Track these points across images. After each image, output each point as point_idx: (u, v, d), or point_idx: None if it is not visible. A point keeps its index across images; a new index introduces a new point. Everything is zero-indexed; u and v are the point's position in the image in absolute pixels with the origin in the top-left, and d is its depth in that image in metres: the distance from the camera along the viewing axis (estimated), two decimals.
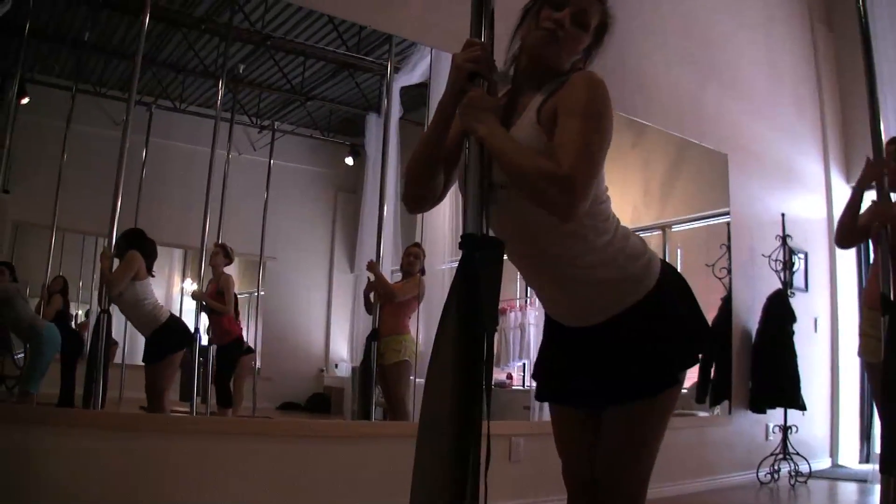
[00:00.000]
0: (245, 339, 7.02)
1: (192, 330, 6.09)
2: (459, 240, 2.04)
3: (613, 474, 2.25)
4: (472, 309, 1.97)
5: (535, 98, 2.20)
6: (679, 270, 2.47)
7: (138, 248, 5.31)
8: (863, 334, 4.60)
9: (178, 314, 6.87)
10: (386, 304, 5.97)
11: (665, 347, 2.21)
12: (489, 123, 2.07)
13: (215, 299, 6.33)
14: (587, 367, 2.27)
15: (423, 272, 6.26)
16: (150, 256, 5.47)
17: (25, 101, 6.09)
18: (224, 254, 6.51)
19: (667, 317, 2.23)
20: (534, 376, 2.56)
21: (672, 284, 2.30)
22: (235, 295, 6.70)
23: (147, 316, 5.30)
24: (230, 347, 6.49)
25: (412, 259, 6.21)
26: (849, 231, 4.54)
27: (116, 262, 5.03)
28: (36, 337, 5.45)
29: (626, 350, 2.19)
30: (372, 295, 5.88)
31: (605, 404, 2.26)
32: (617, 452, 2.24)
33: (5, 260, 6.05)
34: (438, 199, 2.41)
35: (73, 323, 6.58)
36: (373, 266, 5.83)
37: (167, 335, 5.38)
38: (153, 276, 5.46)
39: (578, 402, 2.37)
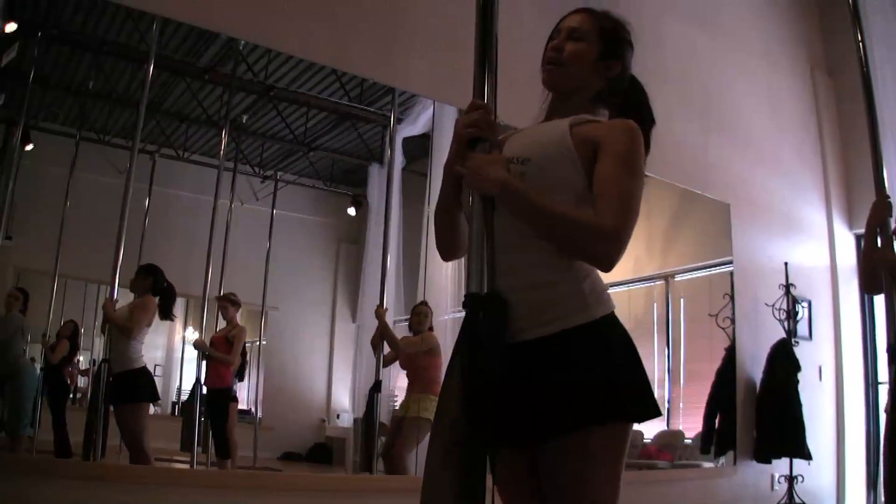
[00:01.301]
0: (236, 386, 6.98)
1: (195, 380, 6.07)
2: (463, 299, 2.03)
3: None
4: (477, 370, 1.95)
5: (568, 117, 2.23)
6: (682, 320, 2.44)
7: (157, 292, 5.34)
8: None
9: (179, 363, 6.86)
10: (413, 361, 6.00)
11: (599, 384, 2.05)
12: (507, 179, 2.06)
13: (223, 346, 6.30)
14: (520, 395, 2.07)
15: (431, 329, 6.27)
16: (169, 300, 5.48)
17: (29, 147, 6.09)
18: (231, 303, 6.50)
19: (609, 354, 2.11)
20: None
21: (621, 331, 2.19)
22: (245, 344, 6.68)
23: (128, 355, 5.20)
24: (221, 393, 6.41)
25: (421, 318, 6.23)
26: (872, 275, 4.46)
27: (128, 296, 5.03)
28: (18, 377, 5.42)
29: (559, 375, 2.06)
30: (384, 348, 5.84)
31: (540, 437, 2.08)
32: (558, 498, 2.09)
33: (15, 288, 6.04)
34: (466, 249, 2.35)
35: (71, 369, 6.54)
36: (380, 313, 5.81)
37: (137, 380, 5.25)
38: (173, 318, 5.48)
39: (513, 438, 2.13)
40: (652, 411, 2.13)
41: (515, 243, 2.16)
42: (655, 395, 2.18)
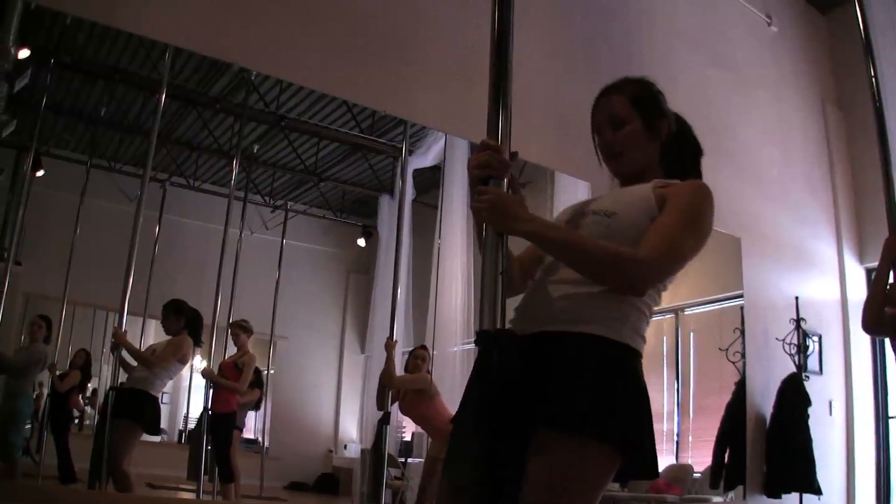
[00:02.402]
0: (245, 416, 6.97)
1: (202, 409, 6.07)
2: (475, 335, 2.01)
3: None
4: (488, 409, 1.94)
5: (652, 182, 2.28)
6: (691, 354, 2.42)
7: (191, 332, 5.35)
8: None
9: (187, 391, 6.85)
10: (417, 407, 5.99)
11: (608, 401, 2.02)
12: (532, 217, 2.07)
13: (231, 373, 6.29)
14: (532, 380, 2.03)
15: (429, 372, 6.25)
16: (197, 329, 5.49)
17: (40, 173, 6.12)
18: (242, 330, 6.50)
19: (624, 380, 2.09)
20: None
21: (638, 374, 2.15)
22: (258, 369, 6.67)
23: (150, 379, 5.20)
24: (226, 418, 6.40)
25: (419, 362, 6.23)
26: (877, 314, 4.28)
27: (136, 322, 5.04)
28: (15, 398, 5.41)
29: (574, 376, 2.04)
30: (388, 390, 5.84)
31: (536, 422, 2.01)
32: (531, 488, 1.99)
33: (17, 332, 6.05)
34: (517, 287, 2.38)
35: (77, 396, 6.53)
36: (389, 345, 5.80)
37: (147, 406, 5.21)
38: (202, 344, 5.52)
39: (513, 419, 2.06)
40: (651, 468, 2.09)
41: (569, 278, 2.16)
42: (664, 429, 2.18)
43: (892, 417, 8.03)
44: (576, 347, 2.07)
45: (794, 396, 7.10)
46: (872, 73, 4.65)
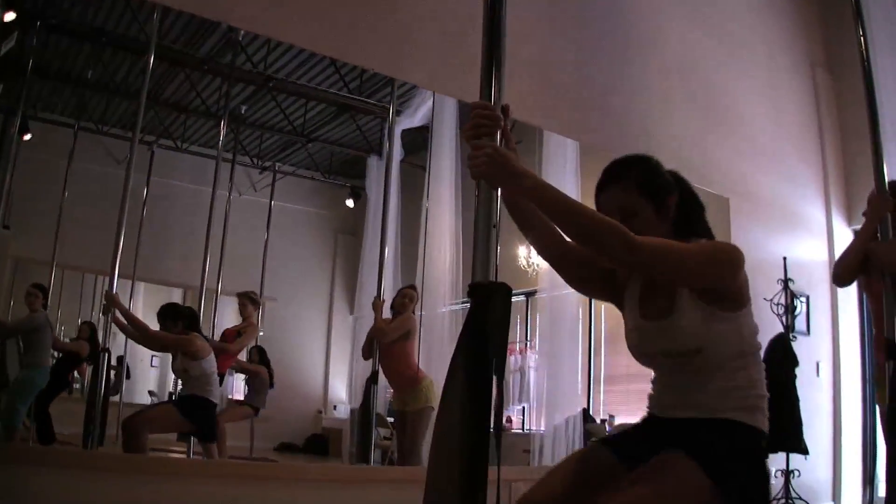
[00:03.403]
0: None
1: None
2: (468, 289, 2.02)
3: None
4: (481, 357, 1.95)
5: None
6: None
7: (193, 328, 5.36)
8: (876, 382, 4.50)
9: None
10: (384, 350, 5.92)
11: (724, 464, 2.06)
12: (528, 172, 2.05)
13: (231, 339, 6.31)
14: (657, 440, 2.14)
15: (414, 313, 6.22)
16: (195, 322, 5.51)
17: (27, 137, 6.10)
18: (251, 302, 6.51)
19: (743, 452, 2.13)
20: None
21: (760, 457, 2.21)
22: (262, 348, 6.68)
23: (200, 380, 5.25)
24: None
25: (406, 301, 6.16)
26: (850, 266, 4.36)
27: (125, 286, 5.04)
28: (34, 367, 5.40)
29: (696, 435, 2.10)
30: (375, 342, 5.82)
31: (647, 454, 2.11)
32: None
33: (6, 296, 6.04)
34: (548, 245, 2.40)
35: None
36: (377, 304, 5.80)
37: (202, 409, 5.26)
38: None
39: (626, 449, 2.25)
40: None
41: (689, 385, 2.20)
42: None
43: None
44: (715, 428, 2.13)
45: (781, 357, 7.12)
46: (862, 37, 4.66)
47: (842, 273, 4.47)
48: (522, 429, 7.48)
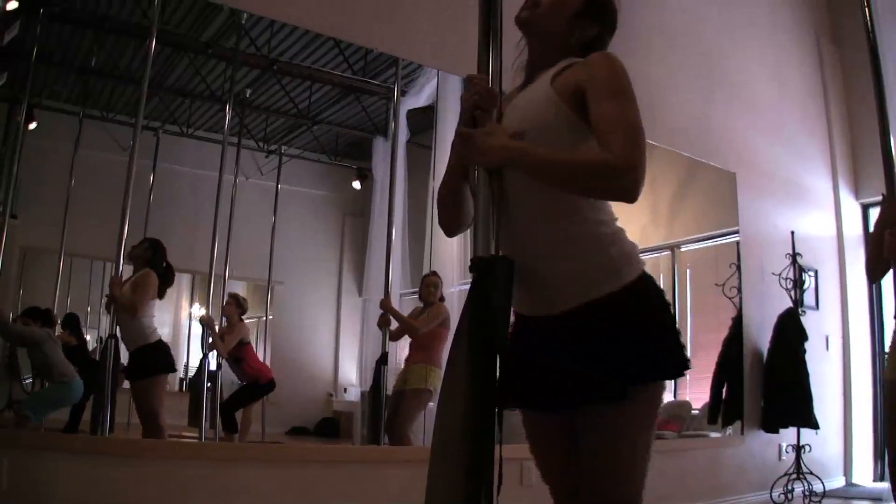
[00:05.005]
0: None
1: (202, 355, 6.09)
2: (469, 263, 2.03)
3: (595, 492, 2.09)
4: (485, 332, 1.96)
5: (548, 71, 2.21)
6: (688, 290, 2.41)
7: (156, 269, 5.32)
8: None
9: (185, 339, 6.87)
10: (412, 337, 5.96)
11: (636, 346, 2.06)
12: (507, 145, 2.05)
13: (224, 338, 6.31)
14: (554, 363, 2.10)
15: (442, 299, 6.21)
16: (166, 282, 5.46)
17: (33, 126, 6.09)
18: (237, 304, 6.50)
19: (644, 315, 2.11)
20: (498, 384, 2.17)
21: (654, 290, 2.19)
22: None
23: (140, 332, 5.17)
24: (260, 389, 6.50)
25: (431, 289, 6.15)
26: (876, 264, 4.27)
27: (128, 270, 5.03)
28: (61, 386, 5.37)
29: (594, 344, 2.06)
30: (392, 327, 5.80)
31: (575, 405, 2.11)
32: (595, 468, 2.09)
33: (14, 286, 6.05)
34: (470, 224, 2.35)
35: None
36: (387, 305, 5.76)
37: (154, 354, 5.24)
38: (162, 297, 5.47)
39: (548, 403, 2.22)
40: (685, 365, 2.13)
41: (537, 217, 2.16)
42: None
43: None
44: (592, 317, 2.10)
45: (791, 331, 7.13)
46: (866, 7, 4.62)
47: (869, 273, 4.36)
48: None
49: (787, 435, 7.08)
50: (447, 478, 1.96)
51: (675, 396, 7.09)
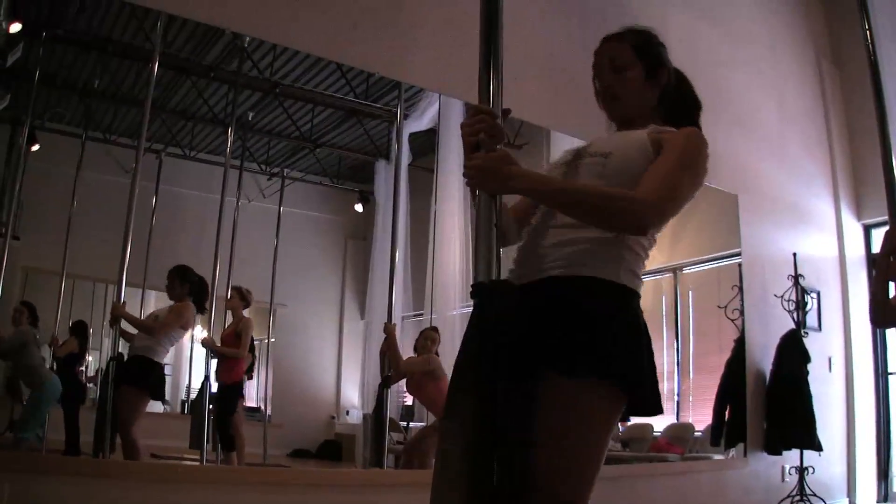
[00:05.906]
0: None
1: (203, 377, 6.08)
2: (470, 288, 2.02)
3: (541, 485, 2.02)
4: (487, 359, 1.95)
5: (648, 126, 2.31)
6: (690, 312, 2.42)
7: (195, 299, 5.36)
8: None
9: (187, 361, 6.86)
10: (414, 385, 5.98)
11: (595, 337, 2.05)
12: (522, 173, 2.08)
13: (232, 341, 6.28)
14: (533, 326, 2.06)
15: (437, 354, 6.21)
16: (202, 296, 5.50)
17: (35, 148, 6.12)
18: (240, 296, 6.49)
19: (622, 320, 2.13)
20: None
21: (634, 309, 2.19)
22: (252, 339, 6.66)
23: (152, 346, 5.19)
24: (232, 389, 6.40)
25: (428, 343, 6.18)
26: (883, 307, 4.09)
27: (135, 294, 5.04)
28: (38, 387, 5.41)
29: (564, 319, 2.08)
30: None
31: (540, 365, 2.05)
32: (546, 457, 2.02)
33: (19, 303, 6.05)
34: (511, 238, 2.37)
35: (83, 370, 6.55)
36: (389, 329, 5.77)
37: (151, 370, 5.21)
38: (205, 311, 5.53)
39: (520, 370, 2.10)
40: (654, 404, 2.12)
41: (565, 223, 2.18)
42: (664, 388, 2.18)
43: (892, 373, 8.04)
44: (573, 291, 2.11)
45: (793, 353, 7.10)
46: (867, 28, 4.63)
47: (878, 318, 4.16)
48: None
49: (791, 457, 7.05)
50: (451, 500, 1.95)
51: (677, 418, 7.07)
